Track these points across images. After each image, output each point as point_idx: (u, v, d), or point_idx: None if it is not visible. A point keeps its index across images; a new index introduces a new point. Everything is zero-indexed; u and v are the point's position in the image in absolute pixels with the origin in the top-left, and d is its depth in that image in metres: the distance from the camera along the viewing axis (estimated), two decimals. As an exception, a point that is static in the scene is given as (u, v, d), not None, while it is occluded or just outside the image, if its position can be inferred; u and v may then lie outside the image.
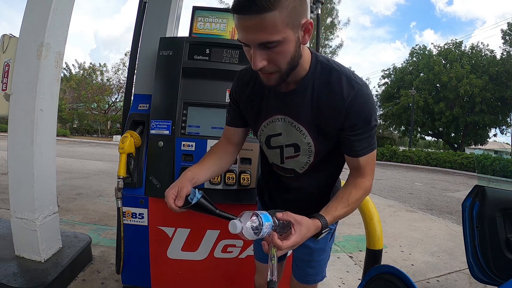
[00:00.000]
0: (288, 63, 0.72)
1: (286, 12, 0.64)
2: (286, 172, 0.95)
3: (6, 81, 1.85)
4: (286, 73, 0.74)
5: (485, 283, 1.55)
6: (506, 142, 31.97)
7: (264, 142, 0.93)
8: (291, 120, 0.84)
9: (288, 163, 0.92)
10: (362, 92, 0.78)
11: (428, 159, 16.09)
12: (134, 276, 1.57)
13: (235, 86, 0.97)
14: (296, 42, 0.70)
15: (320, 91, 0.79)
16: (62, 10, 1.77)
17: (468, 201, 1.56)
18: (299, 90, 0.81)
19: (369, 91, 0.80)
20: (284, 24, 0.65)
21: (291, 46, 0.69)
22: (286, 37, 0.67)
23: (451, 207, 5.39)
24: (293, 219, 0.72)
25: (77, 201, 3.99)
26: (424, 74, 22.97)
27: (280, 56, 0.70)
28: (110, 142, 19.09)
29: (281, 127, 0.87)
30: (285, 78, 0.75)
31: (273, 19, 0.64)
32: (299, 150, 0.87)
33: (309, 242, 1.00)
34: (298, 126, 0.84)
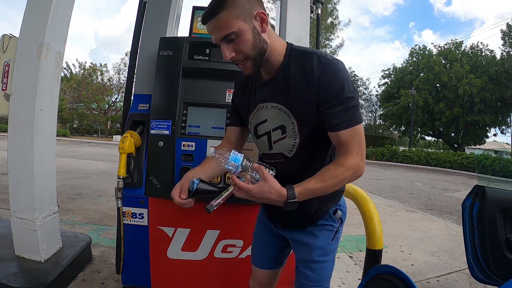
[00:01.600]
0: (252, 49, 0.83)
1: (233, 9, 0.80)
2: (276, 158, 0.96)
3: (6, 81, 1.85)
4: (258, 59, 0.85)
5: (485, 283, 1.55)
6: (506, 142, 31.98)
7: (253, 133, 1.01)
8: (275, 104, 0.92)
9: (276, 147, 0.95)
10: (331, 66, 0.84)
11: (428, 159, 16.09)
12: (134, 276, 1.57)
13: (234, 86, 1.09)
14: (252, 30, 0.82)
15: (295, 74, 0.87)
16: (62, 10, 1.78)
17: (468, 201, 1.56)
18: (277, 77, 0.90)
19: (340, 65, 0.85)
20: (234, 19, 0.80)
21: (249, 35, 0.82)
22: (240, 28, 0.81)
23: (451, 207, 5.39)
24: (262, 174, 0.81)
25: (77, 201, 3.99)
26: (424, 74, 22.97)
27: (242, 45, 0.82)
28: (110, 142, 19.09)
29: (266, 114, 0.94)
30: (258, 64, 0.86)
31: (224, 17, 0.80)
32: (285, 131, 0.92)
33: (307, 237, 1.00)
34: (281, 108, 0.90)
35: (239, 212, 1.50)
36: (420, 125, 24.35)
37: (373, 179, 8.84)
